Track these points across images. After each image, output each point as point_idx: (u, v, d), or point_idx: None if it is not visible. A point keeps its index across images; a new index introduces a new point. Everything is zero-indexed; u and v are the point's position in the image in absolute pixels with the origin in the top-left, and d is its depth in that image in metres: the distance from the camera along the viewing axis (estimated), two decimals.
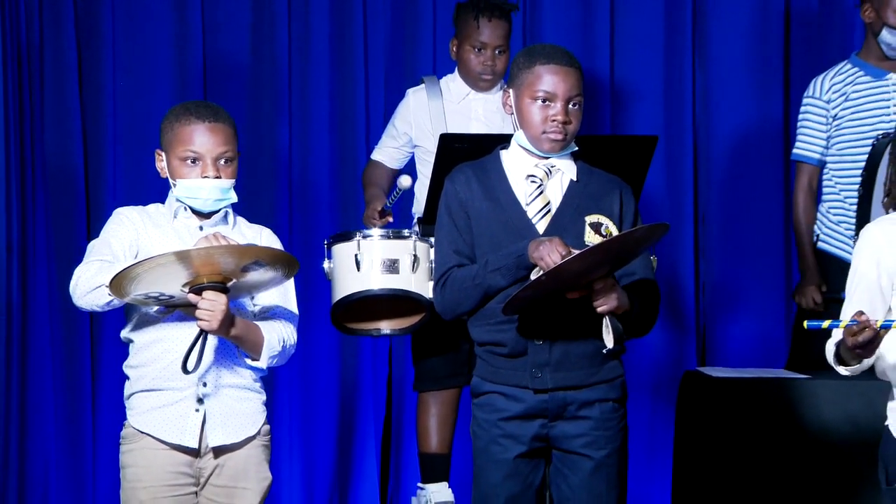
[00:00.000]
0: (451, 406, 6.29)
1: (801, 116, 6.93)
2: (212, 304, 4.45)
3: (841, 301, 4.43)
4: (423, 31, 7.65)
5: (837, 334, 4.25)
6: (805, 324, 4.17)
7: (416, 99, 6.66)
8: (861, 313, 4.02)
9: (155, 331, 4.66)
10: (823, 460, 5.66)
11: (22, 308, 6.66)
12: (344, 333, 6.09)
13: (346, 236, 5.82)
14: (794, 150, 6.93)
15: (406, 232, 5.83)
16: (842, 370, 4.24)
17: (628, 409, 4.85)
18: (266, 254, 4.53)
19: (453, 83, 6.65)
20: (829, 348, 4.28)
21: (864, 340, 3.99)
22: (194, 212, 4.74)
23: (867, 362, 4.22)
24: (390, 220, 6.45)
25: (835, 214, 6.63)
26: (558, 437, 4.67)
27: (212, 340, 4.55)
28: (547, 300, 4.61)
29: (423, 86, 6.70)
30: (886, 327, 3.98)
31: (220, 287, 4.48)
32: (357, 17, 7.62)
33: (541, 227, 4.68)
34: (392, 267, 5.67)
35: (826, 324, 4.11)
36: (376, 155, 6.76)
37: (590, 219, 4.67)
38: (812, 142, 6.77)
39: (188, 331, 4.54)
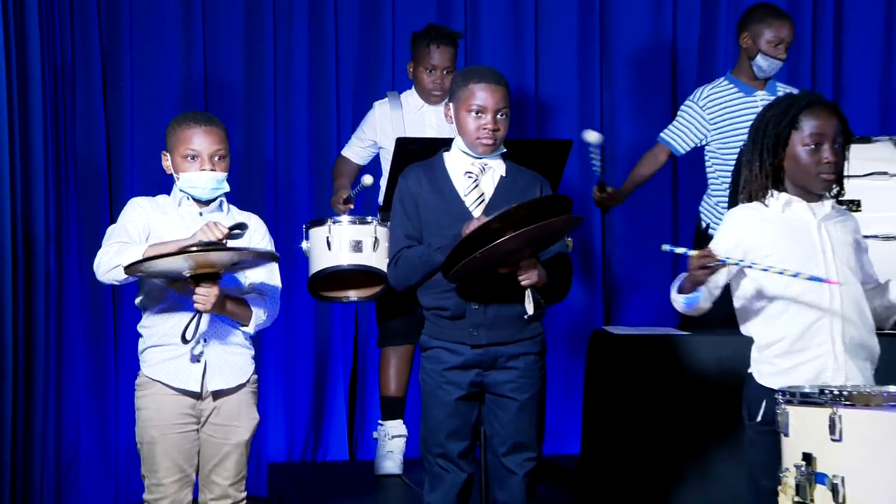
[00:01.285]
0: (407, 359, 6.36)
1: (679, 112, 6.94)
2: (206, 292, 4.52)
3: None
4: (384, 54, 7.66)
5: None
6: (663, 246, 4.32)
7: (381, 110, 6.65)
8: (709, 252, 4.15)
9: (162, 298, 4.72)
10: (701, 401, 5.62)
11: (57, 280, 6.65)
12: (319, 300, 6.16)
13: (320, 222, 5.87)
14: (662, 134, 6.92)
15: (369, 218, 5.86)
16: (679, 299, 4.37)
17: (547, 361, 4.89)
18: (252, 253, 4.63)
19: (411, 97, 6.64)
20: (675, 285, 4.41)
21: (705, 265, 4.12)
22: (195, 200, 4.76)
23: (702, 305, 4.34)
24: (352, 206, 6.43)
25: (722, 208, 6.61)
26: (490, 384, 4.74)
27: (206, 315, 4.62)
28: (482, 274, 4.62)
29: (386, 99, 6.71)
30: (723, 263, 4.12)
31: (214, 276, 4.54)
32: (330, 42, 7.63)
33: (476, 213, 4.71)
34: (357, 246, 5.72)
35: (681, 250, 4.24)
36: (345, 152, 6.76)
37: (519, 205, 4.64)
38: (678, 134, 6.81)
39: (188, 305, 4.61)
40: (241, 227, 4.67)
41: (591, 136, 6.41)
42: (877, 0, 8.11)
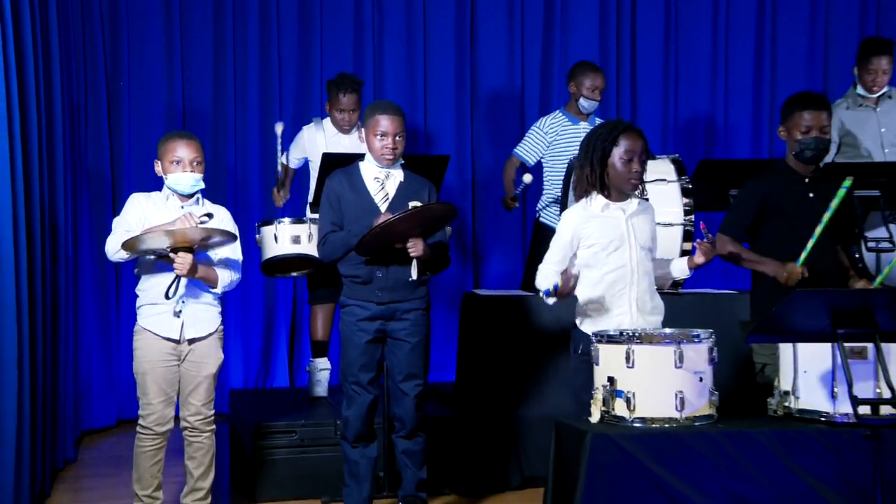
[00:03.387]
0: (330, 313, 6.31)
1: (527, 134, 6.82)
2: (183, 260, 4.51)
3: None
4: (314, 89, 7.59)
5: (547, 271, 4.40)
6: (540, 294, 4.29)
7: (308, 132, 6.54)
8: (566, 271, 4.21)
9: (152, 269, 4.70)
10: (542, 342, 5.61)
11: (74, 257, 6.54)
12: (268, 277, 6.16)
13: (269, 221, 5.85)
14: (516, 150, 6.80)
15: (304, 218, 5.82)
16: (546, 298, 4.29)
17: (432, 314, 4.92)
18: (219, 232, 4.60)
19: (328, 125, 6.50)
20: (540, 283, 4.38)
21: (571, 288, 4.20)
22: (179, 195, 4.74)
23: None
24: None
25: (551, 203, 6.65)
26: (390, 331, 4.77)
27: (184, 279, 4.60)
28: (384, 249, 4.65)
29: (312, 124, 6.59)
30: (576, 275, 4.19)
31: (189, 249, 4.53)
32: (274, 80, 7.57)
33: (383, 208, 4.72)
34: (296, 240, 5.71)
35: (552, 291, 4.21)
36: (283, 159, 6.56)
37: (411, 203, 4.68)
38: (527, 150, 6.75)
39: (170, 271, 4.57)
40: (209, 215, 4.72)
41: (527, 178, 6.45)
42: (659, 60, 8.13)
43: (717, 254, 4.65)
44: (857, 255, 4.83)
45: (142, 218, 4.68)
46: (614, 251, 4.39)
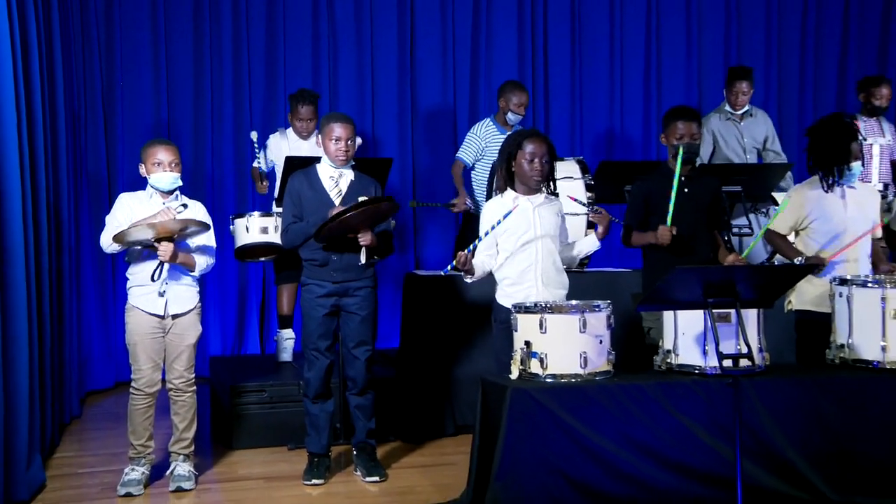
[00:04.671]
0: (293, 291, 6.25)
1: (465, 140, 6.73)
2: (165, 248, 4.49)
3: None
4: (279, 102, 7.49)
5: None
6: (448, 268, 4.33)
7: (274, 140, 6.51)
8: (463, 252, 4.23)
9: (140, 257, 4.65)
10: (470, 314, 5.57)
11: (76, 248, 6.46)
12: (241, 261, 6.13)
13: (241, 214, 5.83)
14: (458, 154, 6.73)
15: (271, 212, 5.78)
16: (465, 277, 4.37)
17: (379, 291, 4.94)
18: (194, 222, 4.57)
19: (291, 133, 6.46)
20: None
21: (465, 262, 4.24)
22: (160, 192, 4.68)
23: (477, 279, 4.40)
24: (267, 183, 6.44)
25: (479, 194, 6.63)
26: (344, 305, 4.76)
27: (166, 265, 4.58)
28: (338, 237, 4.65)
29: (278, 133, 6.56)
30: (470, 250, 4.24)
31: (170, 239, 4.51)
32: (245, 95, 7.48)
33: (336, 203, 4.69)
34: (265, 230, 5.72)
35: (450, 267, 4.28)
36: (256, 164, 6.51)
37: (361, 198, 4.65)
38: (467, 153, 6.67)
39: (156, 258, 4.54)
40: (184, 206, 4.69)
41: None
42: (566, 80, 8.12)
43: (622, 240, 4.73)
44: (726, 238, 4.91)
45: (129, 214, 4.63)
46: (523, 235, 4.40)
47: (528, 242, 4.41)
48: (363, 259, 4.72)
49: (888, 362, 4.33)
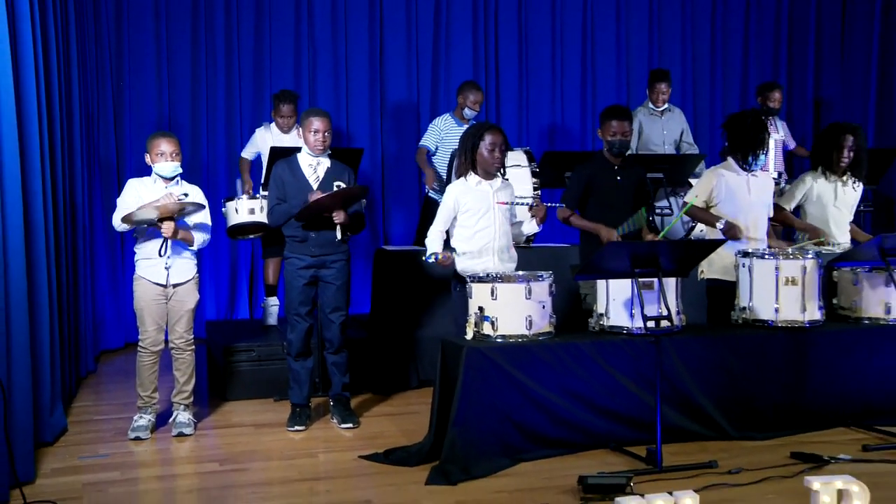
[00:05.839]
0: (278, 264, 6.15)
1: (428, 130, 6.61)
2: (168, 226, 4.47)
3: None
4: (265, 101, 7.35)
5: (434, 234, 4.39)
6: (428, 259, 4.28)
7: (260, 133, 6.44)
8: (448, 256, 4.25)
9: (146, 234, 4.62)
10: (432, 284, 5.52)
11: (90, 227, 6.42)
12: (232, 239, 6.04)
13: (231, 198, 5.73)
14: (420, 142, 6.62)
15: (258, 196, 5.69)
16: (431, 258, 4.33)
17: (352, 263, 4.87)
18: (191, 204, 4.53)
19: (274, 128, 6.38)
20: (429, 245, 4.39)
21: (447, 263, 4.26)
22: (163, 179, 4.63)
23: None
24: (251, 183, 6.32)
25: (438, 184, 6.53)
26: (321, 276, 4.72)
27: (169, 241, 4.55)
28: (316, 217, 4.62)
29: (263, 126, 6.48)
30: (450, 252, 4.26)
31: (171, 219, 4.49)
32: (235, 93, 7.36)
33: (315, 187, 4.65)
34: (252, 211, 5.62)
35: (431, 258, 4.28)
36: (244, 153, 6.49)
37: (336, 183, 4.63)
38: (429, 141, 6.55)
39: (160, 235, 4.52)
40: (186, 195, 4.63)
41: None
42: (514, 79, 8.03)
43: (561, 220, 4.71)
44: (650, 219, 4.95)
45: (136, 197, 4.59)
46: (483, 215, 4.38)
47: (486, 221, 4.39)
48: (339, 235, 4.69)
49: (780, 321, 4.42)
